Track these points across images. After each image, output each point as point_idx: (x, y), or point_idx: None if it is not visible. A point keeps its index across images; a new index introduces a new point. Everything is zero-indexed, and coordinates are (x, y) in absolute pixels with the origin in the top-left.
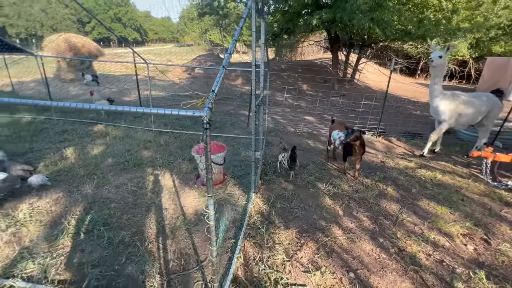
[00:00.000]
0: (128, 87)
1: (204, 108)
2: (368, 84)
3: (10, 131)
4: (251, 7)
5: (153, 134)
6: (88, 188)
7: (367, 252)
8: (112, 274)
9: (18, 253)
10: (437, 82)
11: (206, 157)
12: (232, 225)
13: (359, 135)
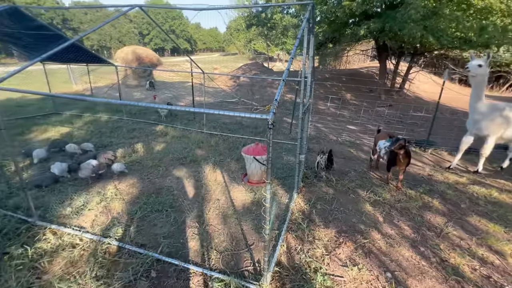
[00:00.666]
0: (183, 92)
1: (269, 112)
2: (420, 95)
3: (94, 128)
4: (304, 27)
5: (205, 136)
6: (155, 177)
7: (406, 258)
8: (178, 245)
9: (110, 221)
10: (478, 93)
11: (268, 151)
12: (276, 219)
13: (404, 144)
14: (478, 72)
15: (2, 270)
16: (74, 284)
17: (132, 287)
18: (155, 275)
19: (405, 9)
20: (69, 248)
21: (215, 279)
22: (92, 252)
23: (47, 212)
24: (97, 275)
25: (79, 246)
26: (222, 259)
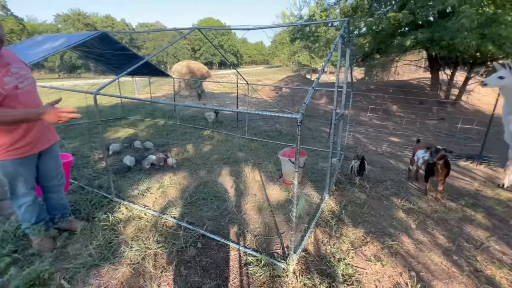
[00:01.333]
0: (228, 102)
1: (299, 113)
2: (480, 108)
3: (153, 130)
4: (338, 42)
5: (246, 141)
6: (202, 172)
7: (435, 263)
8: (220, 226)
9: (167, 203)
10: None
11: (296, 145)
12: (306, 216)
13: (445, 154)
14: (502, 84)
15: (94, 228)
16: (141, 243)
17: (183, 252)
18: (200, 246)
19: (456, 17)
20: (137, 219)
21: (249, 255)
22: (153, 224)
23: (121, 192)
24: (158, 240)
25: (144, 218)
26: (255, 241)
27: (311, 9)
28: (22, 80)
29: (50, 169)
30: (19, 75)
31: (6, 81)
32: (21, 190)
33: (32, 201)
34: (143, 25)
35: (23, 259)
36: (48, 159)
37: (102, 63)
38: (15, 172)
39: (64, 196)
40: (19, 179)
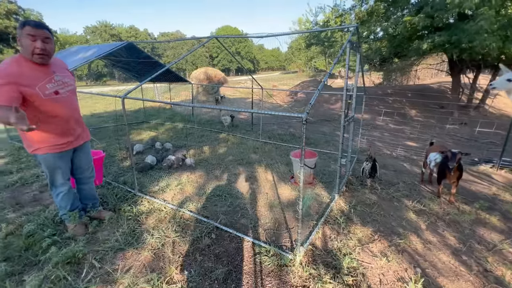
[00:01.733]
0: (243, 107)
1: (304, 112)
2: (506, 112)
3: (173, 133)
4: (346, 47)
5: (260, 144)
6: (217, 172)
7: (443, 261)
8: (232, 220)
9: (184, 198)
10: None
11: (302, 141)
12: (315, 214)
13: (460, 157)
14: (509, 87)
15: (119, 218)
16: (161, 232)
17: (199, 241)
18: (214, 237)
19: (474, 20)
20: (157, 211)
21: (259, 246)
22: (172, 216)
23: (143, 188)
24: (176, 230)
25: (163, 211)
26: (265, 234)
27: (326, 15)
28: (63, 86)
29: (83, 163)
30: (61, 82)
31: (48, 87)
32: (59, 180)
33: (67, 190)
34: (164, 34)
35: (60, 241)
36: (82, 154)
37: (128, 71)
38: (55, 164)
39: (94, 188)
40: (58, 171)
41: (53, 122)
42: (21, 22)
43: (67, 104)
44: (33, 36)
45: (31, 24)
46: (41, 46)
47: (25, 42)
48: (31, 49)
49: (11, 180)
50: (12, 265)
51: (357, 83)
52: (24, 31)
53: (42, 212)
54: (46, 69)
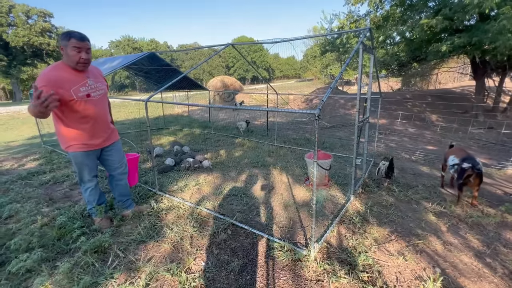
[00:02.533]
0: (259, 113)
1: (316, 108)
2: None
3: (191, 138)
4: (359, 48)
5: (275, 148)
6: (233, 174)
7: (465, 263)
8: (248, 218)
9: (201, 197)
10: None
11: (315, 136)
12: (330, 214)
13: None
14: None
15: (141, 214)
16: (180, 227)
17: (215, 236)
18: (230, 233)
19: (496, 20)
20: (176, 209)
21: (273, 241)
22: (190, 213)
23: (163, 187)
24: (193, 225)
25: (182, 208)
26: (280, 231)
27: (340, 21)
28: (95, 90)
29: (114, 160)
30: (94, 86)
31: (81, 90)
32: (86, 176)
33: (94, 185)
34: (182, 46)
35: (89, 232)
36: (112, 153)
37: (149, 79)
38: (82, 162)
39: (128, 185)
40: (85, 168)
41: (84, 122)
42: (66, 33)
43: (97, 106)
44: (78, 48)
45: (76, 37)
46: (85, 57)
47: (71, 53)
48: (76, 59)
49: (44, 179)
50: (47, 252)
51: (371, 85)
52: (70, 43)
53: (72, 207)
54: (82, 74)
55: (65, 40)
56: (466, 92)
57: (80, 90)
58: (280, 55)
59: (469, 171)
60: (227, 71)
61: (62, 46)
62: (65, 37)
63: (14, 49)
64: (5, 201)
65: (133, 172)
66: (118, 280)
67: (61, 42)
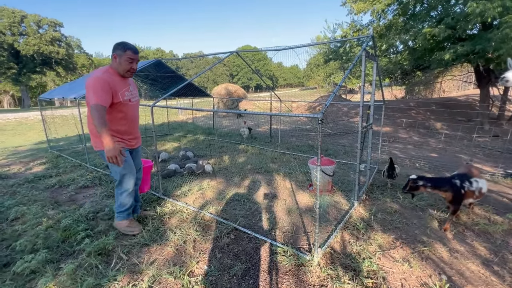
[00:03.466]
0: (262, 120)
1: (320, 112)
2: None
3: (195, 144)
4: (361, 55)
5: (278, 154)
6: (236, 180)
7: (472, 270)
8: (251, 223)
9: (205, 202)
10: None
11: (318, 139)
12: (334, 219)
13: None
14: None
15: (145, 217)
16: (183, 231)
17: (218, 240)
18: (233, 237)
19: (498, 28)
20: (179, 213)
21: (276, 246)
22: (193, 217)
23: (166, 191)
24: (196, 229)
25: (185, 212)
26: (283, 237)
27: (343, 30)
28: (133, 96)
29: (136, 164)
30: (133, 93)
31: (126, 94)
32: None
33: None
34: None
35: (93, 235)
36: (135, 157)
37: (155, 86)
38: (129, 158)
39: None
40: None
41: (124, 123)
42: (122, 44)
43: (135, 110)
44: (132, 59)
45: (132, 49)
46: (135, 67)
47: (124, 63)
48: (128, 69)
49: (50, 183)
50: (51, 254)
51: (374, 91)
52: (126, 54)
53: (77, 210)
54: (126, 81)
55: (121, 50)
56: (470, 101)
57: (125, 94)
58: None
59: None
60: (231, 79)
61: (116, 55)
62: (121, 48)
63: (24, 57)
64: (11, 204)
65: (146, 179)
66: (121, 282)
67: (116, 51)
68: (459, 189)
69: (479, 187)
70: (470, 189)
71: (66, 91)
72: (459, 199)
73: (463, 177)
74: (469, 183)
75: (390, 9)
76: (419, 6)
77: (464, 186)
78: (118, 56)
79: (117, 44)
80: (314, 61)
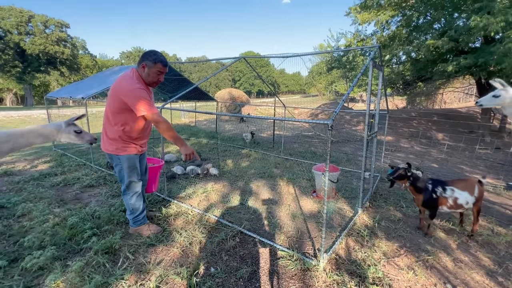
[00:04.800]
0: (265, 126)
1: (329, 119)
2: None
3: (198, 147)
4: (369, 64)
5: (281, 160)
6: (240, 183)
7: (477, 281)
8: (256, 227)
9: (209, 204)
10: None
11: (328, 146)
12: (338, 226)
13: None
14: (499, 102)
15: (151, 218)
16: (189, 232)
17: (224, 243)
18: (238, 240)
19: (501, 43)
20: (185, 215)
21: (282, 250)
22: (198, 219)
23: (171, 193)
24: (202, 231)
25: (190, 215)
26: (288, 241)
27: (347, 40)
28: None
29: (142, 167)
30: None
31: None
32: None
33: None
34: (190, 59)
35: (99, 233)
36: (142, 159)
37: (162, 89)
38: (135, 164)
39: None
40: (135, 171)
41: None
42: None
43: None
44: (161, 72)
45: (163, 62)
46: (162, 80)
47: (153, 74)
48: (155, 80)
49: (56, 181)
50: (58, 251)
51: (380, 101)
52: (156, 66)
53: (83, 208)
54: (149, 90)
55: (152, 61)
56: (471, 112)
57: (152, 98)
58: (286, 70)
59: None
60: (233, 84)
61: (145, 65)
62: (153, 59)
63: (30, 56)
64: (18, 200)
65: (153, 179)
66: (129, 281)
67: (146, 61)
68: (431, 192)
69: (454, 196)
70: (443, 195)
71: (73, 90)
72: (431, 203)
73: (437, 183)
74: (443, 189)
75: (394, 21)
76: (422, 18)
77: (436, 191)
78: (148, 66)
79: (147, 53)
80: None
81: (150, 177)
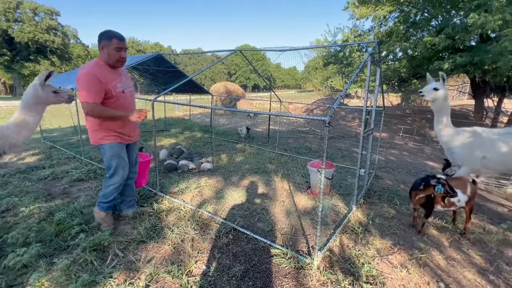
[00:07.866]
0: (260, 121)
1: (327, 115)
2: None
3: (192, 141)
4: (367, 60)
5: (276, 155)
6: (234, 179)
7: (469, 279)
8: (249, 224)
9: (202, 200)
10: (441, 120)
11: (324, 142)
12: (332, 223)
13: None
14: (437, 96)
15: (142, 214)
16: (181, 229)
17: (217, 240)
18: (231, 237)
19: (497, 41)
20: (177, 210)
21: (275, 248)
22: (191, 215)
23: (163, 188)
24: (194, 228)
25: (183, 210)
26: (282, 238)
27: (344, 35)
28: (127, 87)
29: (132, 158)
30: (126, 83)
31: (118, 86)
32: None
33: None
34: (186, 51)
35: (88, 229)
36: (132, 151)
37: (155, 81)
38: (119, 153)
39: (134, 185)
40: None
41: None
42: (107, 33)
43: (130, 102)
44: (119, 48)
45: (117, 37)
46: (124, 56)
47: (112, 52)
48: (117, 58)
49: (43, 174)
50: (44, 248)
51: (377, 98)
52: (112, 43)
53: (72, 203)
54: (117, 72)
55: (107, 40)
56: (464, 111)
57: (117, 86)
58: (282, 65)
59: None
60: (229, 77)
61: (103, 45)
62: (106, 37)
63: (18, 44)
64: (2, 194)
65: (143, 174)
66: (117, 280)
67: (102, 41)
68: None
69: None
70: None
71: (63, 80)
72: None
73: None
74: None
75: (392, 16)
76: (420, 15)
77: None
78: (105, 46)
79: (101, 33)
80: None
81: (139, 172)
